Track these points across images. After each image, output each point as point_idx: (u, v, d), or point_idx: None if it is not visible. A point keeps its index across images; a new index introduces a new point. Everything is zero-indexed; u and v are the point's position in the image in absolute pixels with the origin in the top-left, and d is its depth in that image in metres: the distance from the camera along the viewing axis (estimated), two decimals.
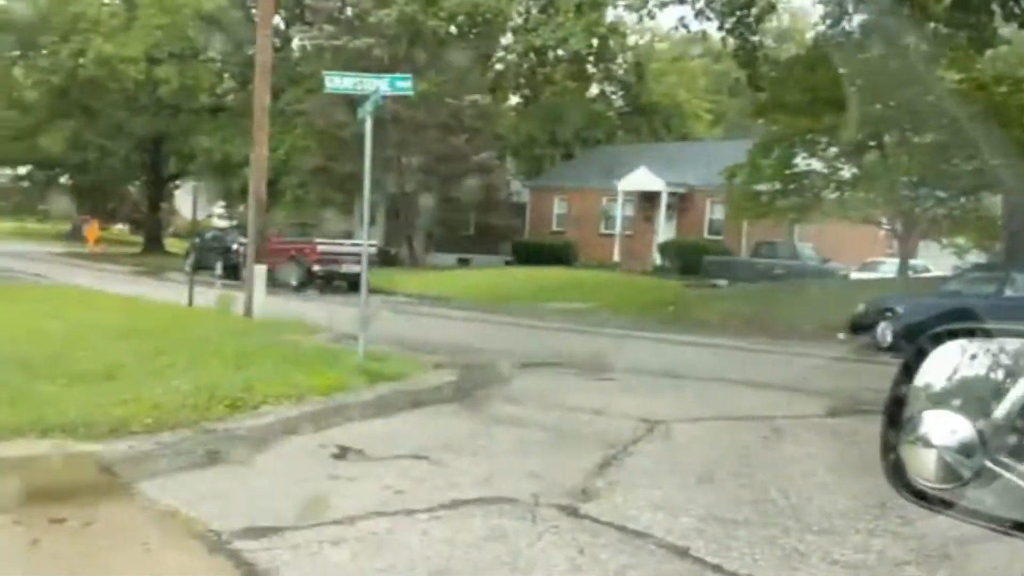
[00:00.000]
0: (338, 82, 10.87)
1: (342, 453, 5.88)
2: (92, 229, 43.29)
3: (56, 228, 55.50)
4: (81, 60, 34.58)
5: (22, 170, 50.28)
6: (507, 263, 33.80)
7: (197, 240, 24.17)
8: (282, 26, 36.54)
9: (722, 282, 26.11)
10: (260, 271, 15.58)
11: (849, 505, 5.21)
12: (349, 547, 4.07)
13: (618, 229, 33.20)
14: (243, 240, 24.69)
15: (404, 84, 10.86)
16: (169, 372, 7.76)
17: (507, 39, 35.04)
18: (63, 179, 48.56)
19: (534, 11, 30.67)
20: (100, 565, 3.82)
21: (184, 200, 17.81)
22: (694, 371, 10.95)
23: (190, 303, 16.09)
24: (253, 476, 5.28)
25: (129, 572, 3.78)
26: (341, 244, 26.32)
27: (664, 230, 32.90)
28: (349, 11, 33.13)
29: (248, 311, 14.83)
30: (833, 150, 21.12)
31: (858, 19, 21.27)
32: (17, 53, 38.77)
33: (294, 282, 24.65)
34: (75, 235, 50.83)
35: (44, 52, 36.55)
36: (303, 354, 9.80)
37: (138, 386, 7.02)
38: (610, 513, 4.78)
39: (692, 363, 11.80)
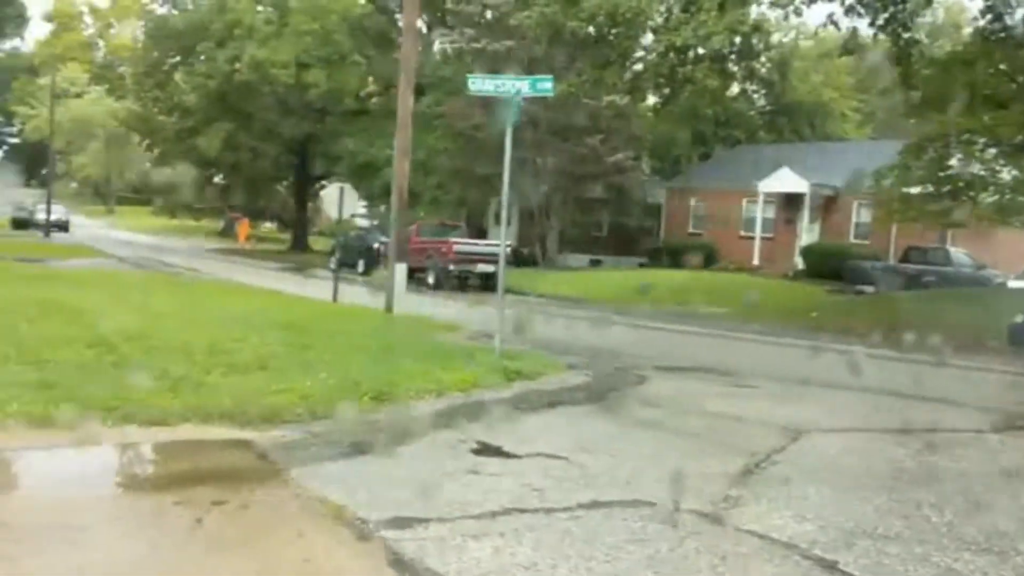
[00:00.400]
0: (480, 84, 11.03)
1: (481, 449, 5.96)
2: (243, 226, 45.55)
3: (210, 225, 58.55)
4: (236, 65, 36.28)
5: (181, 170, 53.32)
6: (641, 265, 33.48)
7: (340, 239, 25.05)
8: (424, 30, 37.35)
9: (868, 288, 25.05)
10: (401, 269, 16.01)
11: (1010, 526, 4.91)
12: (491, 542, 4.12)
13: (758, 231, 32.35)
14: (383, 239, 25.45)
15: (545, 85, 10.91)
16: (317, 364, 8.07)
17: (647, 38, 34.69)
18: (217, 178, 51.20)
19: (676, 10, 30.24)
20: (258, 547, 4.00)
21: (329, 200, 18.41)
22: (839, 380, 10.55)
23: (334, 299, 16.68)
24: (396, 467, 5.41)
25: (284, 555, 3.94)
26: (476, 244, 26.74)
27: (807, 233, 31.86)
28: (489, 14, 33.54)
29: (389, 308, 15.26)
30: (992, 151, 19.93)
31: (1021, 13, 20.01)
32: (178, 59, 41.10)
33: (431, 280, 25.21)
34: (227, 232, 53.55)
35: (202, 58, 38.56)
36: (441, 350, 10.01)
37: (289, 377, 7.34)
38: (754, 522, 4.66)
39: (836, 372, 11.36)
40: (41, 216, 43.34)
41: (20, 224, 47.60)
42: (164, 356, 7.61)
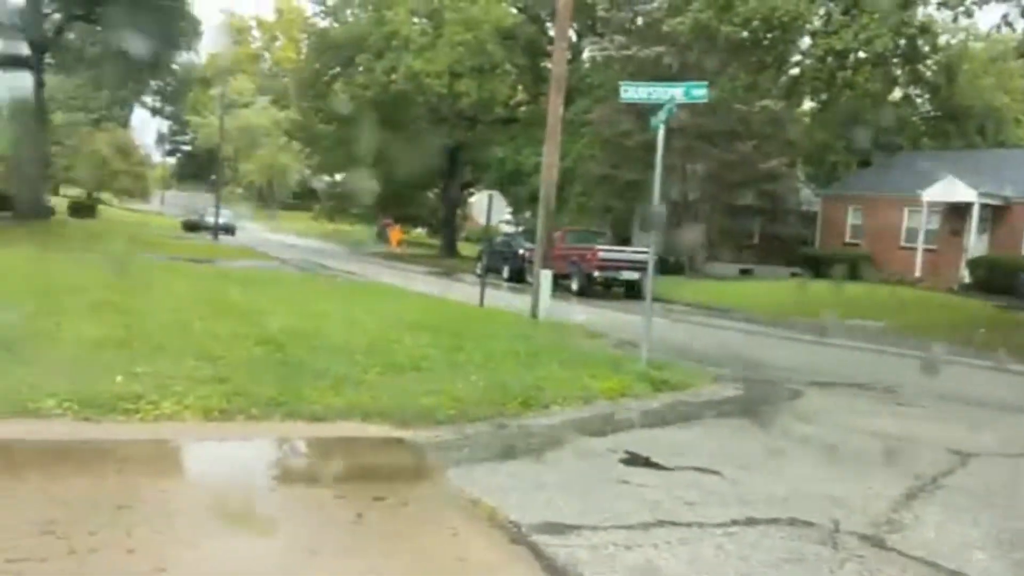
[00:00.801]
0: (633, 92, 10.98)
1: (631, 458, 5.92)
2: (395, 232, 46.92)
3: (364, 231, 60.65)
4: (393, 76, 37.44)
5: (338, 177, 55.49)
6: (793, 275, 32.44)
7: (487, 245, 25.51)
8: (574, 38, 37.50)
9: None
10: (546, 275, 16.11)
11: None
12: (643, 553, 4.10)
13: (920, 242, 30.77)
14: (529, 245, 25.69)
15: (699, 92, 10.74)
16: (467, 367, 8.24)
17: (805, 42, 33.65)
18: (371, 185, 52.94)
19: (836, 13, 29.19)
20: (415, 543, 4.12)
21: (478, 206, 18.79)
22: (1011, 403, 9.92)
23: (481, 303, 16.97)
24: (546, 472, 5.45)
25: (440, 552, 4.04)
26: (621, 251, 26.59)
27: (975, 245, 30.07)
28: (640, 21, 33.35)
29: (534, 313, 15.40)
30: None
31: None
32: (338, 70, 42.78)
33: (575, 287, 25.25)
34: (380, 237, 55.30)
35: (360, 69, 40.00)
36: (587, 357, 10.02)
37: (441, 378, 7.52)
38: (919, 547, 4.45)
39: (1008, 394, 10.69)
40: (210, 220, 46.04)
41: (190, 227, 50.70)
42: (326, 355, 7.93)
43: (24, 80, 38.50)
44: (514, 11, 41.18)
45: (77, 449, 5.08)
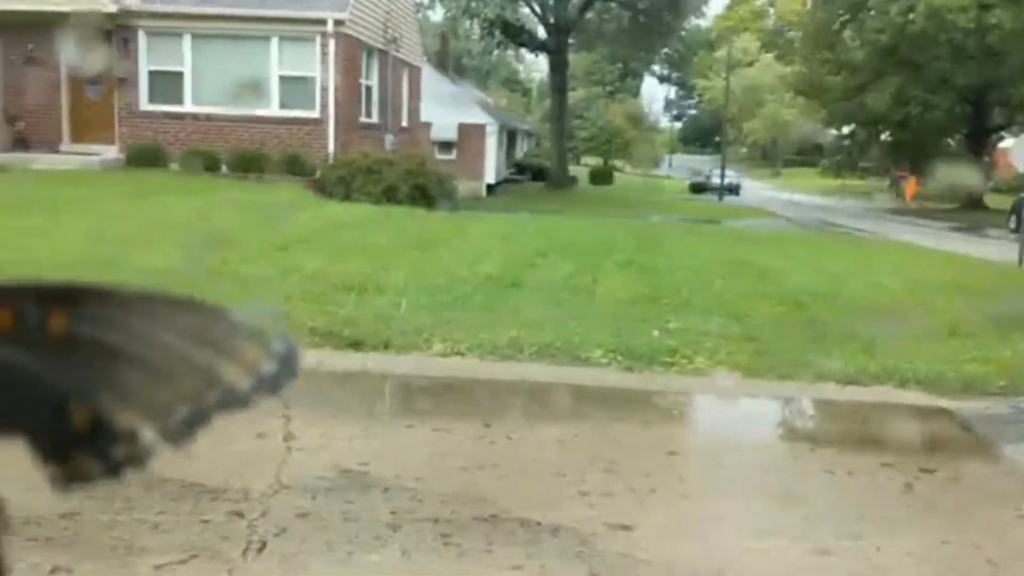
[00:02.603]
0: None
1: None
2: (910, 185, 43.61)
3: (873, 184, 57.34)
4: (910, 15, 34.74)
5: (845, 129, 53.11)
6: None
7: (1023, 196, 22.39)
8: None
9: None
10: None
11: None
12: None
13: None
14: None
15: None
16: (1015, 335, 7.38)
17: None
18: (883, 136, 49.78)
19: None
20: (973, 520, 3.83)
21: (1020, 152, 16.53)
22: None
23: (1020, 262, 15.06)
24: None
25: (1006, 534, 3.71)
26: None
27: None
28: None
29: None
30: None
31: None
32: (847, 17, 40.76)
33: None
34: (892, 191, 51.85)
35: (872, 13, 37.65)
36: None
37: (983, 345, 6.84)
38: None
39: None
40: (715, 181, 47.07)
41: (697, 189, 52.33)
42: (851, 316, 7.69)
43: (550, 62, 42.83)
44: None
45: (624, 396, 5.56)
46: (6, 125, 18.24)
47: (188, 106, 18.54)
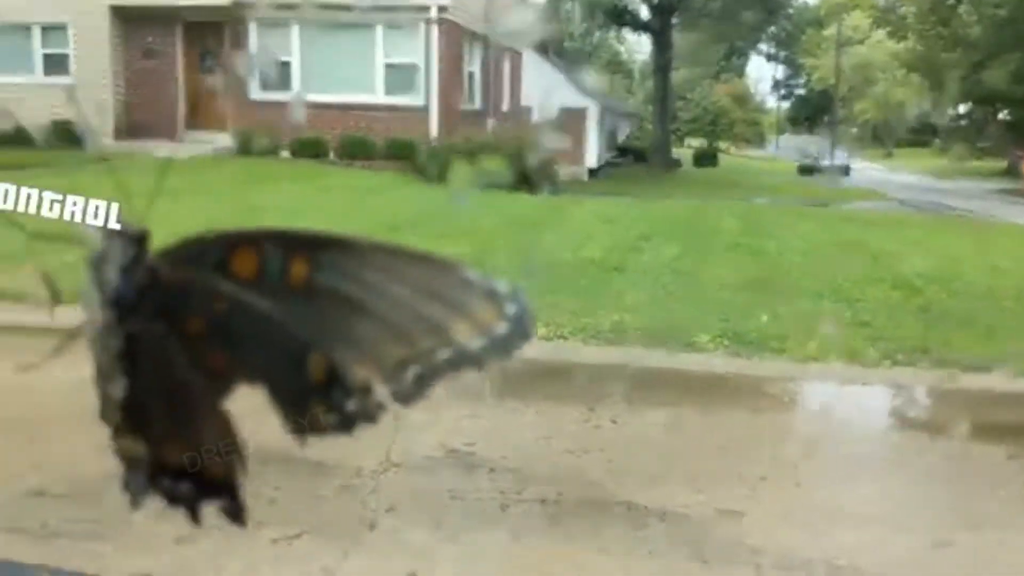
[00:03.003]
0: None
1: None
2: None
3: (991, 165, 54.73)
4: None
5: (961, 108, 50.83)
6: None
7: None
8: None
9: None
10: None
11: None
12: None
13: None
14: None
15: None
16: None
17: None
18: (1001, 114, 47.50)
19: None
20: None
21: None
22: None
23: None
24: None
25: None
26: None
27: None
28: None
29: None
30: None
31: None
32: None
33: None
34: (1011, 172, 49.37)
35: None
36: None
37: None
38: None
39: None
40: (824, 163, 45.67)
41: (805, 170, 50.87)
42: (970, 301, 7.37)
43: (654, 42, 42.26)
44: None
45: (732, 382, 5.47)
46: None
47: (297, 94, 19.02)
